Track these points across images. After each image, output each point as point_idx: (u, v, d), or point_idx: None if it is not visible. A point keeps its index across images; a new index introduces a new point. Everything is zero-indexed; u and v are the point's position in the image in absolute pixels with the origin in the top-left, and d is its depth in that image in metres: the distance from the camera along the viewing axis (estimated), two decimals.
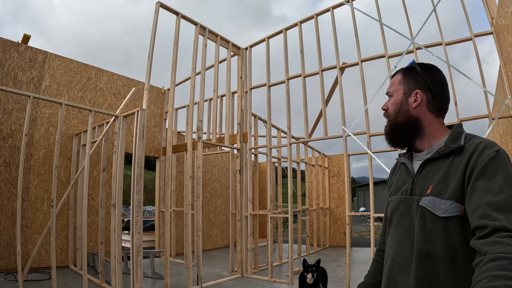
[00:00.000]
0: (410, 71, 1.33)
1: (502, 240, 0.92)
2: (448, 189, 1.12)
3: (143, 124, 5.08)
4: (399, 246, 1.23)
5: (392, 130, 1.33)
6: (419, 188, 1.22)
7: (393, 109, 1.33)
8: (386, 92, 1.39)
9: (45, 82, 6.99)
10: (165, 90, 9.17)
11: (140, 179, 5.00)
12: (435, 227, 1.12)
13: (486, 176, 1.05)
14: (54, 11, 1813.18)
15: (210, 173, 10.26)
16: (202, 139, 5.84)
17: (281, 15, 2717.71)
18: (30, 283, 5.54)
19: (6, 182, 6.30)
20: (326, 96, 6.34)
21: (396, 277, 1.22)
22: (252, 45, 7.15)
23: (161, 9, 5.70)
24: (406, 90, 1.31)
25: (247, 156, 6.78)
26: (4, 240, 6.15)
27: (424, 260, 1.13)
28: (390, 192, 1.40)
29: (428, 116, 1.28)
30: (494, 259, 0.89)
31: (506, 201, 0.99)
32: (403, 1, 5.61)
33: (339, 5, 6.15)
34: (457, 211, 1.09)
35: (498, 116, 4.95)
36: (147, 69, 5.41)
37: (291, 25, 6.60)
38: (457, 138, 1.20)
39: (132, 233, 4.86)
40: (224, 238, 10.55)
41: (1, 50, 6.48)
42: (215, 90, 6.53)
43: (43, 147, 6.81)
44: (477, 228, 0.99)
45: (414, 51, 5.48)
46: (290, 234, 6.19)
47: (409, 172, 1.29)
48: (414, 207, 1.21)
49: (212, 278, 6.21)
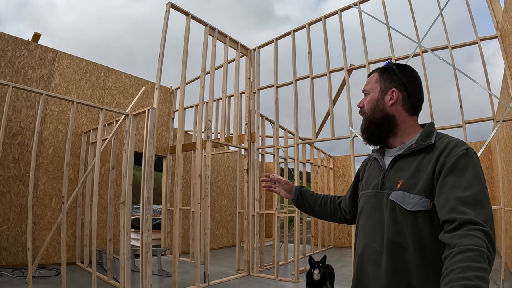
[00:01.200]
0: (387, 70, 1.36)
1: (470, 233, 0.94)
2: (418, 184, 1.15)
3: (154, 123, 5.15)
4: (369, 239, 1.25)
5: (368, 127, 1.36)
6: (389, 182, 1.25)
7: (369, 106, 1.35)
8: (362, 90, 1.42)
9: (55, 80, 7.06)
10: (172, 90, 9.25)
11: (150, 177, 5.07)
12: (405, 221, 1.15)
13: (456, 172, 1.08)
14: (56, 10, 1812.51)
15: (216, 172, 10.33)
16: (211, 138, 5.90)
17: (284, 15, 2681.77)
18: (38, 279, 5.59)
19: (15, 178, 6.36)
20: (333, 97, 6.40)
21: (366, 269, 1.25)
22: (260, 46, 7.22)
23: (170, 9, 5.76)
24: (382, 89, 1.33)
25: (255, 156, 6.85)
26: (12, 236, 6.21)
27: (394, 251, 1.16)
28: (362, 186, 1.44)
29: (403, 114, 1.31)
30: (462, 251, 0.91)
31: (474, 196, 1.02)
32: (410, 4, 5.68)
33: (347, 8, 6.22)
34: (425, 205, 1.12)
35: (503, 119, 5.01)
36: (158, 68, 5.47)
37: (300, 27, 6.67)
38: (428, 136, 1.23)
39: (142, 230, 4.92)
40: (229, 237, 10.60)
41: (12, 48, 6.54)
42: (224, 90, 6.59)
43: (52, 144, 6.87)
44: (446, 222, 1.02)
45: (420, 54, 5.54)
46: (296, 233, 6.25)
47: (380, 167, 1.32)
48: (384, 201, 1.23)
49: (218, 276, 6.27)
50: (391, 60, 1.44)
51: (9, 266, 6.06)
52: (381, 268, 1.18)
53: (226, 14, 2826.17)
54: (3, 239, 6.09)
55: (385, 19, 5.78)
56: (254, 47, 7.26)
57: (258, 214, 6.70)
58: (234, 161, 10.81)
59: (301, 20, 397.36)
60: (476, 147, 9.42)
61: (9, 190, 6.27)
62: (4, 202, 6.14)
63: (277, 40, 6.95)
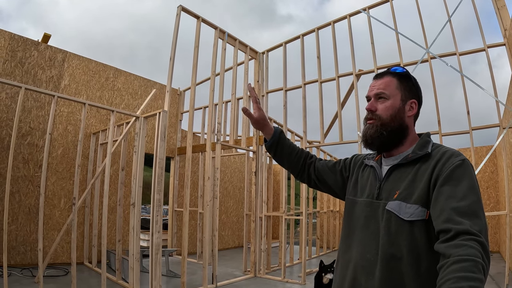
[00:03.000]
0: (405, 79, 1.33)
1: (466, 243, 0.94)
2: (414, 194, 1.15)
3: (165, 125, 5.19)
4: (363, 249, 1.24)
5: (381, 134, 1.28)
6: (385, 193, 1.23)
7: (389, 113, 1.29)
8: (377, 92, 1.32)
9: (64, 81, 7.11)
10: (180, 92, 9.30)
11: (161, 179, 5.12)
12: (400, 231, 1.14)
13: (451, 182, 1.08)
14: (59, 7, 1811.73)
15: (222, 174, 10.37)
16: (221, 140, 5.95)
17: (287, 14, 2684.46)
18: (47, 279, 5.63)
19: (24, 178, 6.41)
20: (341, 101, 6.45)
21: (360, 279, 1.23)
22: (269, 50, 7.27)
23: (178, 12, 5.80)
24: (403, 97, 1.30)
25: (263, 158, 6.90)
26: (21, 235, 6.26)
27: (389, 262, 1.15)
28: (351, 189, 1.42)
29: (412, 125, 1.33)
30: (458, 261, 0.91)
31: (469, 206, 1.02)
32: (419, 10, 5.72)
33: (356, 13, 6.27)
34: (422, 215, 1.12)
35: (509, 125, 5.06)
36: (169, 71, 5.51)
37: (309, 31, 6.72)
38: (425, 146, 1.23)
39: (152, 231, 4.97)
40: (235, 239, 10.64)
41: (22, 48, 6.59)
42: (233, 93, 6.64)
43: (61, 145, 6.93)
44: (441, 231, 1.02)
45: (428, 60, 5.59)
46: (303, 235, 6.30)
47: (377, 177, 1.31)
48: (380, 211, 1.22)
49: (226, 278, 6.32)
50: (406, 69, 1.37)
51: (17, 266, 6.10)
52: (374, 278, 1.17)
53: (228, 13, 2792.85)
54: (12, 238, 6.13)
55: (394, 24, 5.83)
56: (263, 50, 7.32)
57: (265, 216, 6.75)
58: (241, 162, 10.85)
59: (304, 19, 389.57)
60: (482, 152, 9.47)
61: (18, 190, 6.32)
62: (13, 202, 6.19)
63: (286, 44, 7.00)
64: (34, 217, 6.37)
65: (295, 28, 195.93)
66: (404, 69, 1.36)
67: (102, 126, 7.37)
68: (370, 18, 6.05)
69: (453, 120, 7.69)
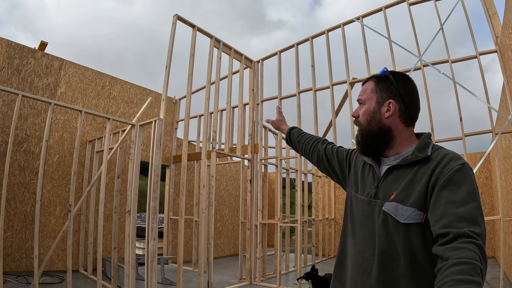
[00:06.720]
0: (383, 79, 1.32)
1: (464, 246, 0.94)
2: (412, 196, 1.14)
3: (161, 134, 5.23)
4: (361, 248, 1.25)
5: (364, 140, 1.31)
6: (382, 192, 1.23)
7: (365, 118, 1.31)
8: (358, 99, 1.37)
9: (61, 89, 7.15)
10: (176, 100, 9.36)
11: (157, 187, 5.15)
12: (397, 233, 1.14)
13: (451, 187, 1.07)
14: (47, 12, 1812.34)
15: (218, 182, 10.39)
16: (216, 149, 6.00)
17: (278, 19, 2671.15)
18: (42, 286, 5.61)
19: (20, 186, 6.41)
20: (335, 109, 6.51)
21: (356, 277, 1.24)
22: (264, 58, 7.35)
23: (174, 21, 5.88)
24: (379, 99, 1.30)
25: (258, 166, 6.94)
26: (16, 242, 6.25)
27: (385, 263, 1.15)
28: (351, 184, 1.44)
29: (400, 125, 1.28)
30: (456, 264, 0.91)
31: (468, 212, 1.01)
32: (411, 18, 5.81)
33: (349, 22, 6.36)
34: (418, 218, 1.11)
35: (502, 131, 5.13)
36: (165, 79, 5.56)
37: (303, 40, 6.81)
38: (425, 148, 1.21)
39: (148, 239, 4.99)
40: (231, 247, 10.63)
41: (18, 56, 6.64)
42: (229, 101, 6.70)
43: (57, 152, 6.94)
44: (440, 235, 1.01)
45: (421, 68, 5.67)
46: (299, 243, 6.32)
47: (375, 176, 1.30)
48: (376, 211, 1.22)
49: (221, 285, 6.32)
50: (386, 68, 1.37)
51: (13, 273, 6.08)
52: (371, 278, 1.18)
53: (218, 18, 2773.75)
54: (7, 245, 6.12)
55: (387, 33, 5.91)
56: (258, 59, 7.39)
57: (261, 224, 6.78)
58: (236, 171, 10.88)
59: (294, 25, 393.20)
60: (475, 158, 9.54)
61: (14, 197, 6.32)
62: (8, 209, 6.19)
63: (280, 53, 7.08)
64: (30, 224, 6.37)
65: (285, 33, 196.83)
66: (385, 69, 1.36)
67: (98, 134, 7.40)
68: (363, 28, 6.14)
69: (446, 127, 7.76)
